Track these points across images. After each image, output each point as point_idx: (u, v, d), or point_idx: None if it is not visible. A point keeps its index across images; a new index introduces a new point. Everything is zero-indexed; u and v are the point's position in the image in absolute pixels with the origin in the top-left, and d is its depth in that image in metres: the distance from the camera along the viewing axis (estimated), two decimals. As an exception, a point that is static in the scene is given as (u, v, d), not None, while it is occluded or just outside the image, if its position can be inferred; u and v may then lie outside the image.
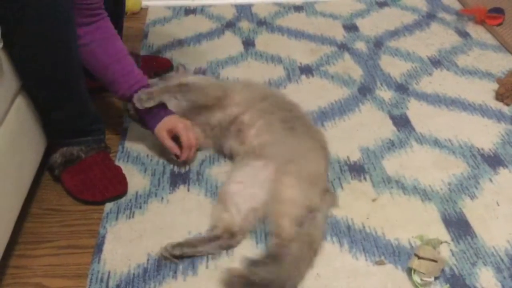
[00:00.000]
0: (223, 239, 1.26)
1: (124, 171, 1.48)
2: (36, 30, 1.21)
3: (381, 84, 1.91)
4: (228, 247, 1.26)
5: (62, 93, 1.35)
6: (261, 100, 1.53)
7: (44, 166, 1.48)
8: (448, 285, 1.18)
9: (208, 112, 1.53)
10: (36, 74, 1.30)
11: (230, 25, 2.31)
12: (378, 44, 2.17)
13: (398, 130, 1.67)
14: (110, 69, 1.44)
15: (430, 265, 1.17)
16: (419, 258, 1.18)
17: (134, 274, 1.21)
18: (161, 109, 1.50)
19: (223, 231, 1.27)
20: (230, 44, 2.17)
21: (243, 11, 2.43)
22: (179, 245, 1.24)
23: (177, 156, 1.50)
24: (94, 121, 1.47)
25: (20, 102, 1.30)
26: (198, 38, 2.21)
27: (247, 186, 1.34)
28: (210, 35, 2.23)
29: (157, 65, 1.94)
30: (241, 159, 1.44)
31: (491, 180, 1.48)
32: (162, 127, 1.48)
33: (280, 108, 1.52)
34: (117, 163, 1.53)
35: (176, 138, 1.49)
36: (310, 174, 1.32)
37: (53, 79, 1.31)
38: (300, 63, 2.04)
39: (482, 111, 1.77)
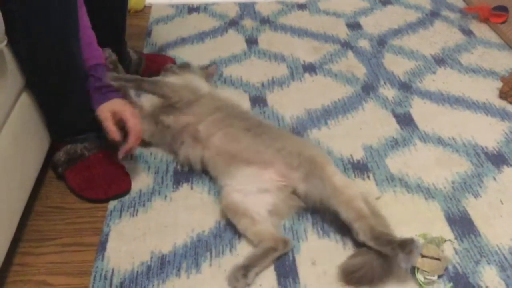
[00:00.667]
0: (279, 250, 1.23)
1: (127, 169, 1.48)
2: (40, 26, 1.21)
3: (385, 83, 1.90)
4: (285, 255, 1.25)
5: (65, 89, 1.36)
6: (213, 112, 1.46)
7: (48, 164, 1.48)
8: (451, 283, 1.18)
9: (164, 112, 1.49)
10: (40, 71, 1.30)
11: (233, 23, 2.31)
12: (381, 42, 2.17)
13: (402, 129, 1.67)
14: None
15: (434, 264, 1.17)
16: (423, 256, 1.18)
17: (137, 271, 1.21)
18: (112, 91, 1.42)
19: (275, 242, 1.23)
20: (233, 42, 2.17)
21: (246, 9, 2.43)
22: (248, 268, 1.17)
23: (114, 143, 1.40)
24: (97, 118, 1.47)
25: (24, 100, 1.31)
26: (201, 36, 2.21)
27: (248, 193, 1.31)
28: (213, 33, 2.23)
29: (161, 64, 1.94)
30: (219, 166, 1.40)
31: (495, 179, 1.47)
32: (107, 107, 1.39)
33: (238, 118, 1.46)
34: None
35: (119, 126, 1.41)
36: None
37: (57, 76, 1.32)
38: (304, 61, 2.03)
39: (486, 109, 1.76)
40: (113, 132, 1.37)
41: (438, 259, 1.18)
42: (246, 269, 1.17)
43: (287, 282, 1.19)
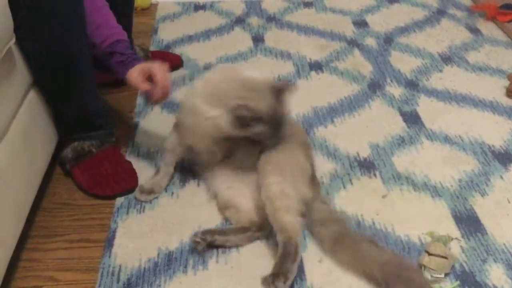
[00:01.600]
0: (251, 231, 1.27)
1: (135, 166, 1.48)
2: (48, 24, 1.22)
3: (391, 81, 1.90)
4: (255, 239, 1.28)
5: (72, 87, 1.36)
6: None
7: (56, 160, 1.49)
8: (458, 281, 1.18)
9: None
10: (47, 68, 1.31)
11: (239, 21, 2.31)
12: (388, 40, 2.16)
13: (408, 127, 1.67)
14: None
15: (441, 262, 1.17)
16: (430, 254, 1.18)
17: (145, 268, 1.22)
18: (135, 59, 1.41)
19: (250, 224, 1.28)
20: (240, 40, 2.17)
21: (253, 6, 2.43)
22: (211, 232, 1.25)
23: (149, 97, 1.40)
24: (105, 116, 1.48)
25: (32, 97, 1.31)
26: (208, 34, 2.21)
27: (238, 189, 1.35)
28: (220, 31, 2.24)
29: (167, 61, 1.94)
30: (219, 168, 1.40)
31: (501, 177, 1.47)
32: (134, 71, 1.37)
33: None
34: (127, 158, 1.53)
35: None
36: (291, 168, 1.30)
37: (64, 73, 1.32)
38: (310, 59, 2.03)
39: (493, 107, 1.76)
40: (146, 87, 1.36)
41: (445, 257, 1.18)
42: (212, 232, 1.25)
43: (294, 279, 1.19)
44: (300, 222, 1.23)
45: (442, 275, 1.17)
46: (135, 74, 1.37)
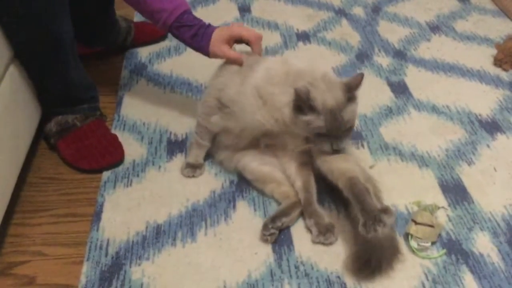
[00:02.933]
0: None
1: (121, 140, 1.47)
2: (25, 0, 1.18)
3: (379, 51, 1.89)
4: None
5: (53, 61, 1.33)
6: None
7: (40, 135, 1.46)
8: (445, 250, 1.19)
9: None
10: (27, 43, 1.27)
11: (225, -10, 2.27)
12: (376, 9, 2.14)
13: (396, 97, 1.66)
14: None
15: (427, 231, 1.18)
16: (416, 223, 1.19)
17: (133, 241, 1.22)
18: (207, 27, 1.34)
19: (298, 198, 1.27)
20: (226, 10, 2.13)
21: (239, -24, 2.38)
22: (277, 217, 1.22)
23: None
24: (88, 89, 1.45)
25: (13, 71, 1.28)
26: (193, 4, 2.17)
27: (272, 165, 1.33)
28: (205, 1, 2.19)
29: (150, 32, 1.91)
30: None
31: (488, 146, 1.48)
32: (216, 42, 1.31)
33: None
34: (113, 131, 1.51)
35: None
36: None
37: (44, 47, 1.29)
38: (297, 30, 2.01)
39: (481, 77, 1.75)
40: (239, 60, 1.29)
41: (432, 226, 1.18)
42: (274, 219, 1.22)
43: (282, 249, 1.20)
44: (362, 171, 1.20)
45: (429, 244, 1.18)
46: (222, 47, 1.30)
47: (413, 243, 1.18)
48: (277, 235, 1.22)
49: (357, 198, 1.11)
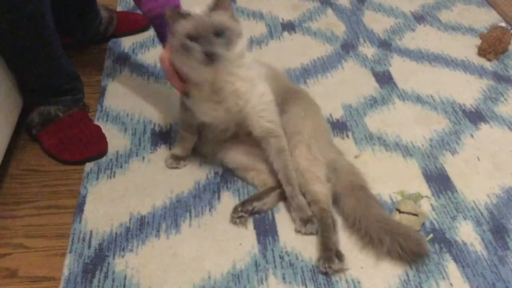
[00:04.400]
0: (280, 189, 1.27)
1: (104, 131, 1.45)
2: None
3: (364, 41, 1.88)
4: (284, 198, 1.27)
5: (35, 51, 1.31)
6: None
7: (21, 126, 1.44)
8: (431, 234, 1.20)
9: None
10: (7, 34, 1.25)
11: (210, -20, 2.25)
12: (361, -1, 2.13)
13: (381, 87, 1.66)
14: None
15: (411, 219, 1.18)
16: (400, 212, 1.19)
17: (116, 233, 1.21)
18: None
19: (275, 183, 1.28)
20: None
21: (223, -35, 2.36)
22: (248, 201, 1.25)
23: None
24: (72, 80, 1.43)
25: (-7, 60, 1.26)
26: (177, -7, 2.14)
27: (254, 155, 1.34)
28: (190, -10, 2.17)
29: (134, 22, 1.89)
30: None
31: (472, 136, 1.49)
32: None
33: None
34: (96, 122, 1.50)
35: None
36: (313, 134, 1.30)
37: (25, 38, 1.26)
38: (282, 19, 2.00)
39: (465, 66, 1.76)
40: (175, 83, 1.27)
41: (416, 215, 1.19)
42: (244, 203, 1.25)
43: (267, 240, 1.19)
44: (329, 188, 1.25)
45: None
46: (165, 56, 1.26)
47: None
48: (247, 219, 1.23)
49: (322, 232, 1.17)
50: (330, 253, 1.13)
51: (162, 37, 1.35)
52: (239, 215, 1.23)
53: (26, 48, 1.29)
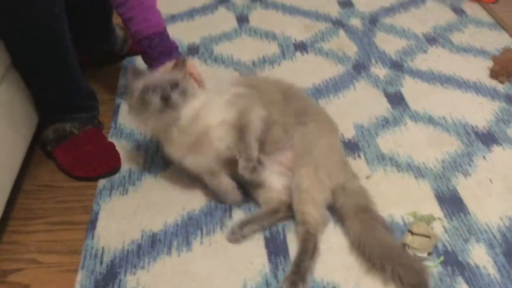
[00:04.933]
0: (281, 212, 1.27)
1: (118, 148, 1.47)
2: (24, 7, 1.18)
3: (376, 61, 1.90)
4: (286, 219, 1.27)
5: (52, 69, 1.33)
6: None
7: (36, 142, 1.46)
8: (442, 257, 1.19)
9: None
10: (25, 52, 1.27)
11: (223, 0, 2.28)
12: (373, 20, 2.15)
13: (393, 108, 1.67)
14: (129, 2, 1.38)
15: (424, 241, 1.18)
16: (413, 234, 1.19)
17: (128, 250, 1.21)
18: (175, 50, 1.46)
19: (279, 205, 1.28)
20: (224, 19, 2.14)
21: (237, -14, 2.40)
22: (246, 223, 1.24)
23: None
24: (88, 98, 1.45)
25: (11, 77, 1.29)
26: (191, 13, 2.18)
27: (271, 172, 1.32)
28: (204, 10, 2.20)
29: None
30: None
31: (484, 158, 1.48)
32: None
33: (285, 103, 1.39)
34: (110, 139, 1.51)
35: None
36: (325, 154, 1.30)
37: (42, 56, 1.29)
38: (295, 40, 2.02)
39: (477, 88, 1.76)
40: None
41: (428, 237, 1.18)
42: (243, 224, 1.24)
43: (278, 259, 1.19)
44: (325, 216, 1.24)
45: (425, 255, 1.18)
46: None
47: (410, 254, 1.17)
48: (246, 237, 1.23)
49: (300, 255, 1.16)
50: (297, 277, 1.11)
51: (148, 58, 1.45)
52: (235, 238, 1.22)
53: (43, 65, 1.31)
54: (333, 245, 1.23)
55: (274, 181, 1.31)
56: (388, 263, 1.12)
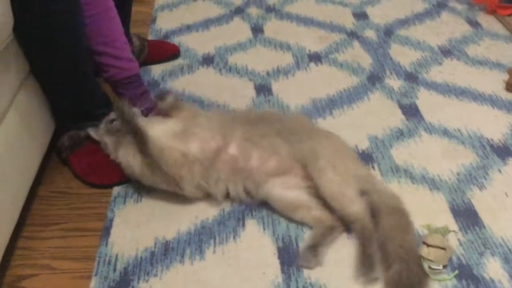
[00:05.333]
0: (338, 227, 1.27)
1: (132, 155, 1.47)
2: (43, 15, 1.20)
3: (391, 73, 1.89)
4: (342, 232, 1.28)
5: (70, 77, 1.35)
6: (237, 127, 1.36)
7: (53, 149, 1.48)
8: (457, 271, 1.18)
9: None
10: (44, 59, 1.29)
11: (239, 11, 2.30)
12: (388, 32, 2.15)
13: (407, 119, 1.66)
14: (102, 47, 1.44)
15: (439, 253, 1.17)
16: (428, 246, 1.18)
17: (141, 257, 1.22)
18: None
19: (332, 222, 1.27)
20: (239, 30, 2.15)
21: (252, -3, 2.42)
22: (314, 247, 1.22)
23: None
24: (103, 105, 1.46)
25: (28, 86, 1.30)
26: (207, 23, 2.19)
27: (292, 189, 1.31)
28: (219, 20, 2.22)
29: (164, 50, 1.94)
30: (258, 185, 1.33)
31: (500, 171, 1.47)
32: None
33: (261, 124, 1.39)
34: (125, 147, 1.52)
35: None
36: (335, 153, 1.32)
37: (61, 64, 1.30)
38: (309, 51, 2.02)
39: (492, 101, 1.75)
40: None
41: (443, 249, 1.17)
42: (314, 249, 1.22)
43: (291, 270, 1.19)
44: (363, 203, 1.26)
45: (440, 267, 1.16)
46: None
47: (425, 266, 1.16)
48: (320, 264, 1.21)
49: (364, 247, 1.20)
50: (369, 265, 1.16)
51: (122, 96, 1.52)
52: (308, 265, 1.20)
53: (61, 74, 1.33)
54: (345, 257, 1.22)
55: (305, 197, 1.30)
56: (401, 265, 1.13)
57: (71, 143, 1.44)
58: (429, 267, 1.16)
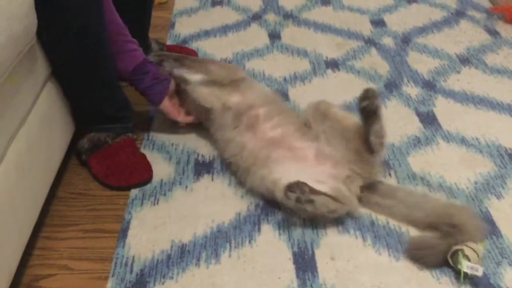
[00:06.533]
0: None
1: (149, 159, 1.49)
2: (65, 16, 1.22)
3: (408, 81, 1.89)
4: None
5: (91, 80, 1.37)
6: (272, 101, 1.54)
7: (72, 150, 1.50)
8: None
9: (224, 91, 1.52)
10: (66, 61, 1.31)
11: (256, 17, 2.31)
12: (405, 40, 2.15)
13: (425, 127, 1.65)
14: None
15: (473, 255, 1.14)
16: (468, 247, 1.16)
17: (158, 260, 1.23)
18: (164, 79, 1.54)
19: (344, 199, 1.29)
20: (256, 36, 2.17)
21: (270, 3, 2.42)
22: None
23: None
24: (123, 109, 1.48)
25: (50, 88, 1.32)
26: (224, 29, 2.21)
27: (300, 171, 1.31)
28: (236, 26, 2.24)
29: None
30: (260, 159, 1.36)
31: (518, 180, 1.46)
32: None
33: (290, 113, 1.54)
34: (142, 150, 1.54)
35: None
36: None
37: (83, 66, 1.33)
38: (326, 57, 2.03)
39: (511, 110, 1.74)
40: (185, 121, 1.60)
41: (477, 254, 1.15)
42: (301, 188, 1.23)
43: (306, 275, 1.19)
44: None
45: (480, 272, 1.14)
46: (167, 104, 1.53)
47: (464, 263, 1.14)
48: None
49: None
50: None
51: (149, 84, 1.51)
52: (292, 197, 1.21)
53: (83, 77, 1.35)
54: (361, 264, 1.22)
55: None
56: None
57: (91, 145, 1.46)
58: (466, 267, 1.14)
